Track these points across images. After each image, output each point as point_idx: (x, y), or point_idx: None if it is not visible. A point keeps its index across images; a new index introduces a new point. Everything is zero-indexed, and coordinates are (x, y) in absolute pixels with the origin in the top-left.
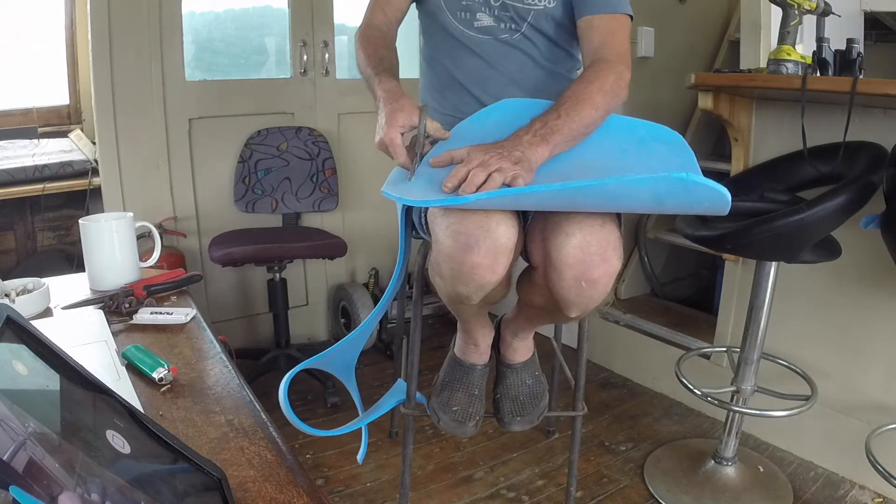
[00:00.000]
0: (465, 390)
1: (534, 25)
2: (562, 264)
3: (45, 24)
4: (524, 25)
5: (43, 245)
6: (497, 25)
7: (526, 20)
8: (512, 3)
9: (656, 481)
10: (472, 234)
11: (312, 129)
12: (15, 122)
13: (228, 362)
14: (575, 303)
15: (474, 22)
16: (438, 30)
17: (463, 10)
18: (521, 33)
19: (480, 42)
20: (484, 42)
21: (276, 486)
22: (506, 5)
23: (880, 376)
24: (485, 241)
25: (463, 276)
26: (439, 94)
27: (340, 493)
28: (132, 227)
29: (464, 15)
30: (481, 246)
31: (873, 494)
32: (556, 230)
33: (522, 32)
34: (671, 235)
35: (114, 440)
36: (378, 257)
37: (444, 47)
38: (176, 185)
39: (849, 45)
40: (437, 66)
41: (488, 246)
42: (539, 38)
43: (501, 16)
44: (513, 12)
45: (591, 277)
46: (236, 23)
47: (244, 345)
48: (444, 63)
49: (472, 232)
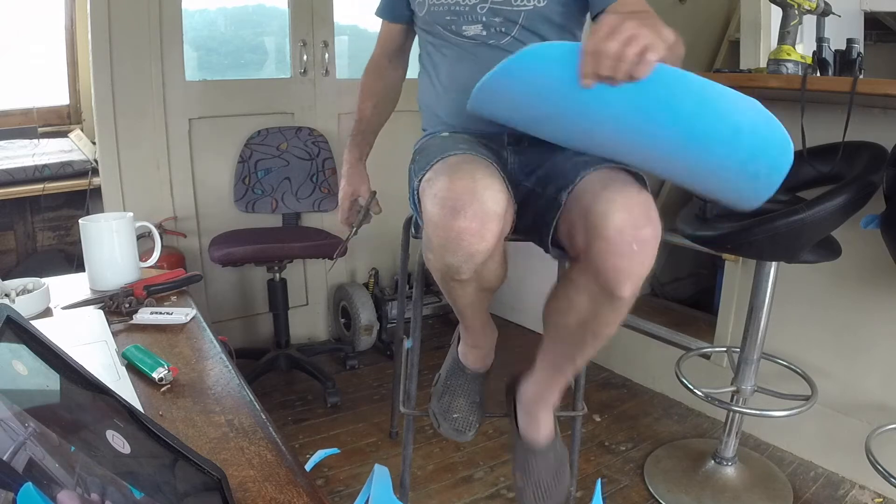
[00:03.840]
0: (467, 397)
1: (526, 27)
2: (610, 229)
3: (45, 24)
4: (515, 29)
5: (43, 245)
6: (486, 32)
7: (517, 23)
8: (500, 6)
9: (656, 481)
10: (460, 199)
11: (312, 129)
12: (15, 122)
13: (228, 362)
14: (628, 271)
15: (462, 32)
16: (431, 38)
17: (450, 23)
18: (513, 37)
19: (474, 48)
20: (477, 48)
21: (276, 486)
22: (494, 10)
23: (880, 376)
24: (471, 205)
25: (451, 244)
26: (435, 101)
27: (340, 493)
28: (132, 227)
29: (452, 27)
30: (468, 210)
31: (873, 494)
32: (597, 201)
33: (514, 36)
34: (671, 235)
35: (114, 440)
36: (378, 257)
37: (436, 55)
38: (176, 185)
39: (849, 45)
40: (431, 72)
41: (475, 210)
42: (534, 40)
43: (491, 21)
44: (502, 17)
45: (641, 237)
46: (236, 23)
47: (244, 345)
48: (439, 69)
49: (460, 197)
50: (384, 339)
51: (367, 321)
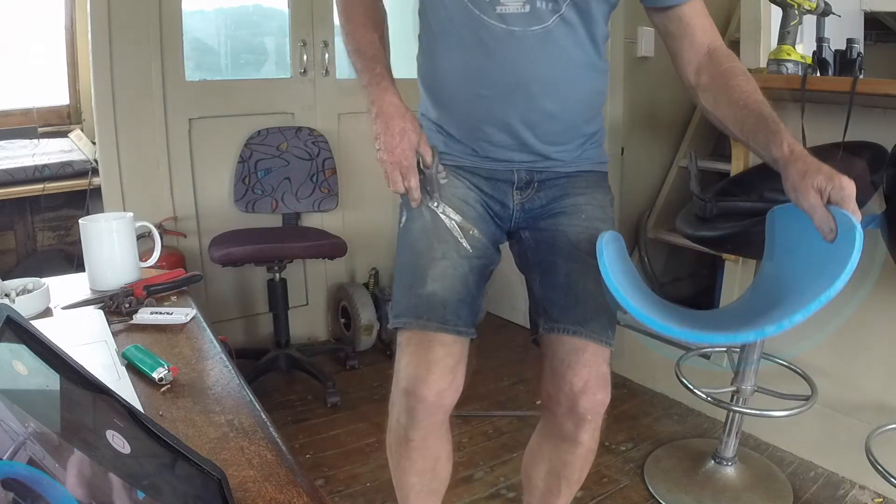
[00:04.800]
0: None
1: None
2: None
3: (45, 24)
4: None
5: (43, 245)
6: (530, 7)
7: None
8: None
9: (656, 481)
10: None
11: (312, 129)
12: (15, 122)
13: (228, 362)
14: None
15: (496, 6)
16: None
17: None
18: (561, 16)
19: (506, 36)
20: (508, 36)
21: (276, 486)
22: None
23: (880, 376)
24: (428, 391)
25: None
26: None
27: (340, 493)
28: (132, 227)
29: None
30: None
31: (873, 494)
32: (567, 367)
33: (561, 15)
34: (671, 235)
35: (114, 440)
36: (378, 257)
37: (447, 40)
38: (176, 185)
39: (849, 45)
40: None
41: (431, 393)
42: (577, 22)
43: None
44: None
45: (597, 406)
46: (236, 23)
47: (244, 345)
48: (450, 59)
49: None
50: (384, 338)
51: (367, 321)
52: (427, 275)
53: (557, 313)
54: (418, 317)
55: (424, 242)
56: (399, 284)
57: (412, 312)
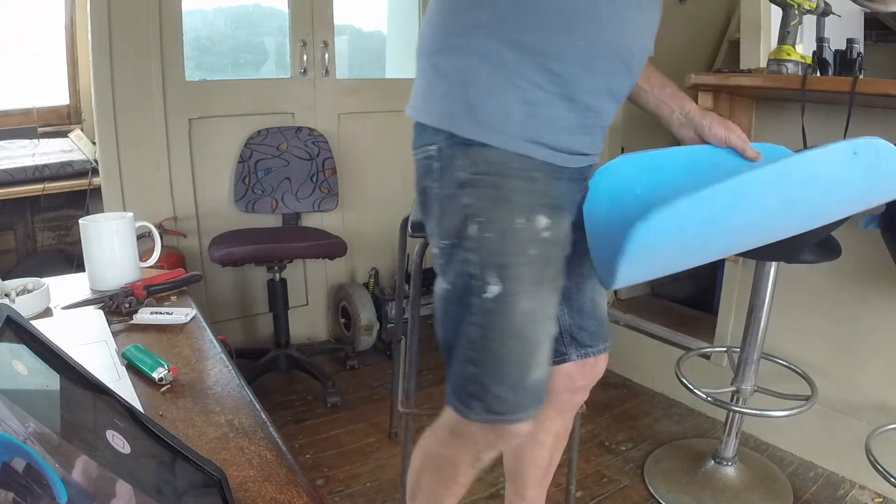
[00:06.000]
0: None
1: None
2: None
3: (45, 24)
4: None
5: (43, 245)
6: None
7: None
8: None
9: (656, 481)
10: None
11: (312, 129)
12: (15, 122)
13: (228, 362)
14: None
15: None
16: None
17: None
18: None
19: None
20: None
21: (276, 486)
22: None
23: (880, 376)
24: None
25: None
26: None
27: (340, 493)
28: (132, 227)
29: None
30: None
31: (873, 494)
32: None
33: None
34: None
35: (114, 440)
36: (378, 257)
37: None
38: (176, 185)
39: (849, 45)
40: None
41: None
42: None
43: None
44: None
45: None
46: (236, 23)
47: (244, 345)
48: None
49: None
50: (384, 339)
51: (367, 321)
52: (533, 363)
53: (588, 339)
54: (527, 409)
55: (532, 328)
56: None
57: (520, 408)
